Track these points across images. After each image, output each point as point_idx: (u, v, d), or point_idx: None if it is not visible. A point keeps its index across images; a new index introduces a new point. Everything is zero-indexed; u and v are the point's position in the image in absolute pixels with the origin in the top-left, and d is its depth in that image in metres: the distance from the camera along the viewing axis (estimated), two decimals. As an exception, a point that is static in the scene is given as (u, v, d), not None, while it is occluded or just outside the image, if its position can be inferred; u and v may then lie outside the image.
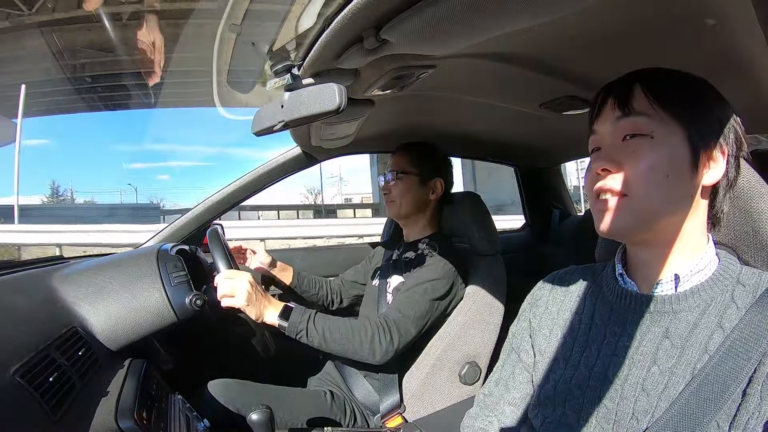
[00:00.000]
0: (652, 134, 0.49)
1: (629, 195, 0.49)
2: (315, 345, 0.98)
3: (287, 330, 0.97)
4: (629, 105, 0.51)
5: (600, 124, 0.54)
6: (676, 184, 0.49)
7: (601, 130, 0.54)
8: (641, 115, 0.50)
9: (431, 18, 0.46)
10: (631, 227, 0.51)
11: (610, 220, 0.51)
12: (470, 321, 1.15)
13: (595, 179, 0.53)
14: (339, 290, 1.42)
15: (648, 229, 0.51)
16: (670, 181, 0.48)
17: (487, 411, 0.65)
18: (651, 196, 0.49)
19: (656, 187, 0.49)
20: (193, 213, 1.35)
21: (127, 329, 0.81)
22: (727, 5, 0.50)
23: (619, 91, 0.52)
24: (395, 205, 1.22)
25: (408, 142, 1.27)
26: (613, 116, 0.52)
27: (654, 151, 0.49)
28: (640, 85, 0.51)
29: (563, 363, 0.57)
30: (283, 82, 0.63)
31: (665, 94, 0.50)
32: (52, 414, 0.53)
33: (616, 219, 0.50)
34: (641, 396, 0.49)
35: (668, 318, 0.50)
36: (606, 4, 0.49)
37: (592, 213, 0.54)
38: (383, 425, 1.09)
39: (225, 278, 0.94)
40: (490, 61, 0.70)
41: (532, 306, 0.65)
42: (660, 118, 0.49)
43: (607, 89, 0.54)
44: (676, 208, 0.50)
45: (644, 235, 0.51)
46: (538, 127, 1.21)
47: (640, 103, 0.50)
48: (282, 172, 1.38)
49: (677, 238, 0.51)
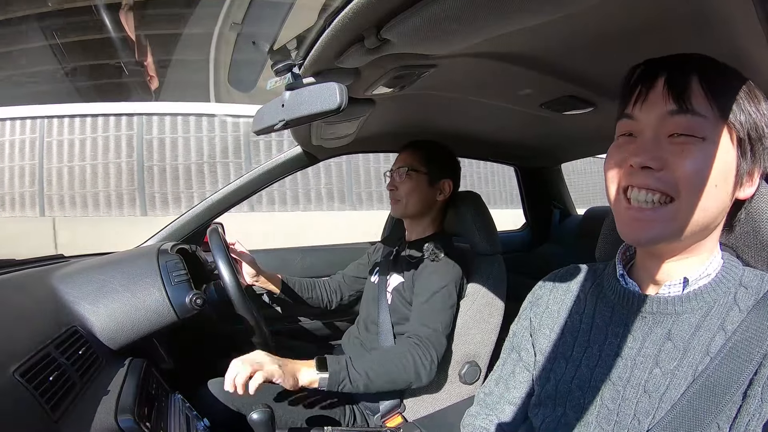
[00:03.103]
0: (705, 138, 0.44)
1: (678, 200, 0.44)
2: (361, 389, 0.94)
3: (329, 383, 0.90)
4: (688, 101, 0.44)
5: (644, 111, 0.47)
6: (721, 195, 0.45)
7: (644, 119, 0.47)
8: (699, 116, 0.44)
9: (432, 17, 0.46)
10: (668, 237, 0.46)
11: (645, 229, 0.46)
12: (470, 321, 1.15)
13: (627, 175, 0.47)
14: (339, 288, 1.39)
15: (682, 241, 0.47)
16: (717, 191, 0.44)
17: (488, 410, 0.65)
18: (699, 206, 0.44)
19: (705, 196, 0.44)
20: (194, 212, 1.35)
21: (128, 328, 0.81)
22: (727, 5, 0.50)
23: (677, 81, 0.45)
24: (401, 203, 1.19)
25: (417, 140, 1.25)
26: (665, 108, 0.45)
27: (706, 155, 0.44)
28: (697, 77, 0.45)
29: (564, 363, 0.57)
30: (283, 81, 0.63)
31: (723, 93, 0.44)
32: (52, 413, 0.54)
33: (657, 228, 0.45)
34: (643, 397, 0.48)
35: (671, 320, 0.50)
36: (606, 4, 0.49)
37: (615, 215, 0.50)
38: (383, 425, 1.09)
39: (241, 362, 0.84)
40: (491, 61, 0.70)
41: (533, 305, 0.65)
42: (715, 120, 0.44)
43: (657, 69, 0.47)
44: (714, 221, 0.47)
45: (671, 246, 0.48)
46: (538, 127, 1.21)
47: (699, 100, 0.44)
48: (282, 172, 1.38)
49: (700, 249, 0.49)
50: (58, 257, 1.18)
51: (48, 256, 1.16)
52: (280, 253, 1.62)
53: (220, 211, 1.37)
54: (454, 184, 1.24)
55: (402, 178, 1.19)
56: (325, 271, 1.49)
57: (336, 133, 1.10)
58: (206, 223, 1.33)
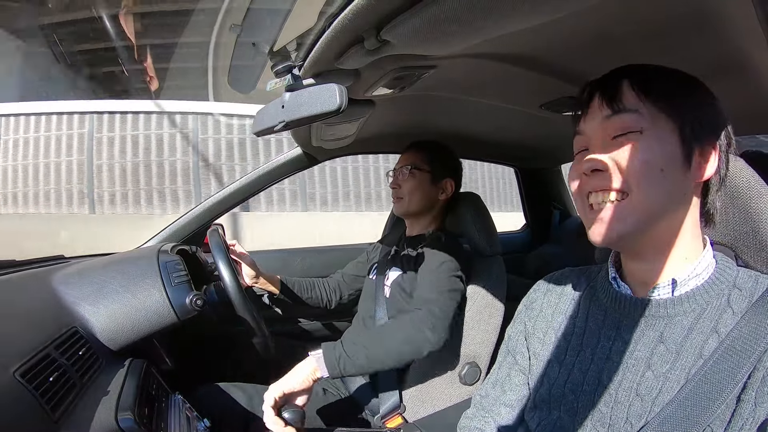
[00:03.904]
0: (642, 130, 0.47)
1: (629, 194, 0.47)
2: (362, 363, 0.91)
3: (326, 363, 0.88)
4: (620, 102, 0.48)
5: (587, 123, 0.52)
6: (672, 180, 0.47)
7: (589, 130, 0.51)
8: (631, 112, 0.48)
9: (432, 18, 0.46)
10: (631, 231, 0.48)
11: (607, 227, 0.48)
12: (470, 321, 1.15)
13: (585, 183, 0.51)
14: (338, 287, 1.39)
15: (647, 233, 0.49)
16: (665, 177, 0.47)
17: (484, 412, 0.65)
18: (650, 194, 0.47)
19: (654, 184, 0.47)
20: (194, 213, 1.35)
21: (128, 329, 0.81)
22: (727, 5, 0.50)
23: (607, 88, 0.50)
24: (403, 201, 1.20)
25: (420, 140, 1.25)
26: (601, 114, 0.50)
27: (646, 146, 0.47)
28: (628, 81, 0.49)
29: (557, 366, 0.57)
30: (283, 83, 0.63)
31: (654, 89, 0.48)
32: (52, 413, 0.54)
33: (615, 223, 0.48)
34: (635, 401, 0.48)
35: (663, 322, 0.49)
36: (606, 4, 0.49)
37: (583, 221, 0.52)
38: (383, 425, 1.09)
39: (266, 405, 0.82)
40: (491, 62, 0.70)
41: (528, 309, 0.65)
42: (650, 113, 0.48)
43: (593, 86, 0.52)
44: (674, 207, 0.49)
45: (642, 240, 0.49)
46: (539, 128, 1.21)
47: (629, 99, 0.48)
48: (282, 173, 1.38)
49: (674, 241, 0.50)
50: (59, 258, 1.18)
51: (48, 256, 1.16)
52: (280, 254, 1.62)
53: (220, 213, 1.37)
54: (456, 184, 1.25)
55: (405, 176, 1.20)
56: (325, 272, 1.49)
57: (336, 134, 1.10)
58: (206, 225, 1.33)
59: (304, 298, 1.33)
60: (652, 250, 0.50)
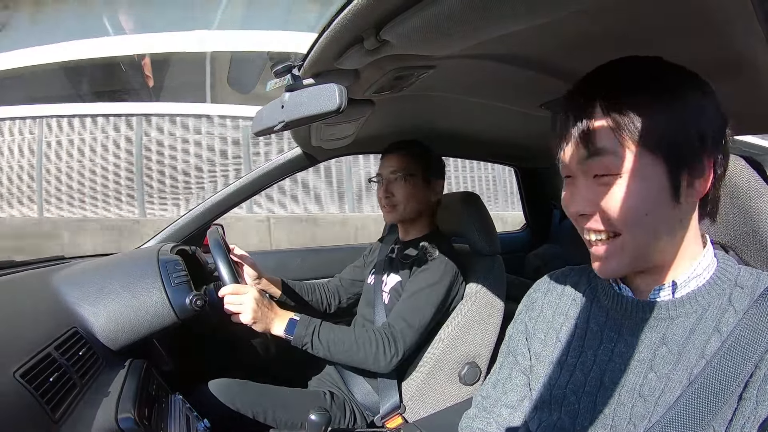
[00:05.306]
0: (621, 174, 0.45)
1: (623, 234, 0.47)
2: (321, 356, 1.00)
3: (293, 342, 0.98)
4: (594, 143, 0.46)
5: (567, 157, 0.49)
6: (661, 218, 0.46)
7: (571, 165, 0.49)
8: (609, 154, 0.45)
9: (431, 18, 0.46)
10: (629, 264, 0.49)
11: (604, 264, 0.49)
12: (470, 321, 1.15)
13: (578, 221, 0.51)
14: (337, 291, 1.39)
15: (647, 259, 0.49)
16: (653, 218, 0.46)
17: (485, 413, 0.65)
18: (637, 236, 0.47)
19: (641, 226, 0.46)
20: (194, 213, 1.35)
21: (128, 329, 0.81)
22: (727, 5, 0.50)
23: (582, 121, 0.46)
24: (398, 209, 1.18)
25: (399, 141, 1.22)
26: (578, 155, 0.48)
27: (628, 190, 0.45)
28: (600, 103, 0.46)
29: (558, 368, 0.56)
30: (283, 83, 0.63)
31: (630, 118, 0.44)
32: (53, 414, 0.54)
33: (612, 261, 0.49)
34: (638, 402, 0.48)
35: (665, 324, 0.49)
36: (606, 4, 0.49)
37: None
38: (383, 426, 1.09)
39: (230, 293, 0.94)
40: (490, 62, 0.70)
41: (528, 309, 0.65)
42: (629, 152, 0.45)
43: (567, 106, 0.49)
44: (671, 234, 0.48)
45: (644, 264, 0.50)
46: (539, 128, 1.20)
47: (604, 138, 0.45)
48: (282, 173, 1.38)
49: (675, 256, 0.49)
50: (59, 258, 1.18)
51: (49, 257, 1.16)
52: (279, 255, 1.63)
53: (219, 213, 1.37)
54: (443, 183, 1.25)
55: (398, 183, 1.17)
56: (325, 273, 1.49)
57: (336, 134, 1.10)
58: (206, 225, 1.33)
59: (305, 301, 1.33)
60: (653, 267, 0.50)
